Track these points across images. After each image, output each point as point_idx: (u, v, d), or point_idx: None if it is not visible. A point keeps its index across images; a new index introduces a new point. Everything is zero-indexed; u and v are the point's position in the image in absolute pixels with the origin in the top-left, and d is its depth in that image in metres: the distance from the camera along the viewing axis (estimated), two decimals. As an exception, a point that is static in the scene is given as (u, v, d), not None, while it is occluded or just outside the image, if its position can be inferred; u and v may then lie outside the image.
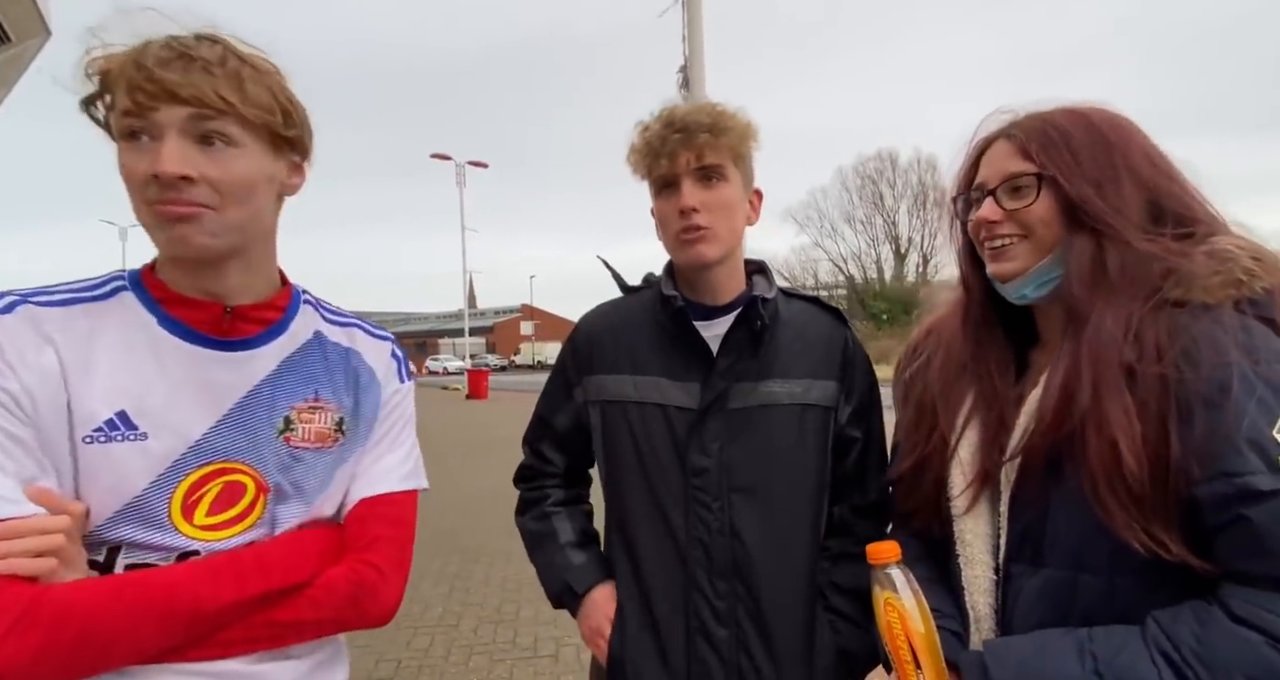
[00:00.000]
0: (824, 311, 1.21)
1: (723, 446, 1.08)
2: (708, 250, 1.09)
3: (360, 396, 0.89)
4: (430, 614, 3.77)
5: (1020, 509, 0.84)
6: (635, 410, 1.13)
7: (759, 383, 1.10)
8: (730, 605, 1.07)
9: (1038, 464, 0.81)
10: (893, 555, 0.84)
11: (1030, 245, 0.86)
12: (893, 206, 44.47)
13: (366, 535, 0.86)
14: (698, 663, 1.07)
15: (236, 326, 0.81)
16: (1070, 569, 0.79)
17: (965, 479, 0.90)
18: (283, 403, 0.83)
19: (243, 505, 0.79)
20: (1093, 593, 0.78)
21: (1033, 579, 0.82)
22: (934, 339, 1.02)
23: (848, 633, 1.11)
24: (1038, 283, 0.87)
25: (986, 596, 0.86)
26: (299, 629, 0.79)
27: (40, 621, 0.65)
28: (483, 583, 4.27)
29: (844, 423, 1.14)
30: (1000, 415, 0.89)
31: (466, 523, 5.75)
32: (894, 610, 0.81)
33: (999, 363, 0.93)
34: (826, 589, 1.13)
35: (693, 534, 1.08)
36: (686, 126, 1.05)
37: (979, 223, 0.89)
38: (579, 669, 3.09)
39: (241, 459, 0.79)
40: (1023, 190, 0.85)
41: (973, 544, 0.88)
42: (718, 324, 1.13)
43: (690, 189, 1.07)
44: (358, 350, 0.92)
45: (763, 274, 1.20)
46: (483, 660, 3.20)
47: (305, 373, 0.85)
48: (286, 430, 0.82)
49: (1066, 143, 0.84)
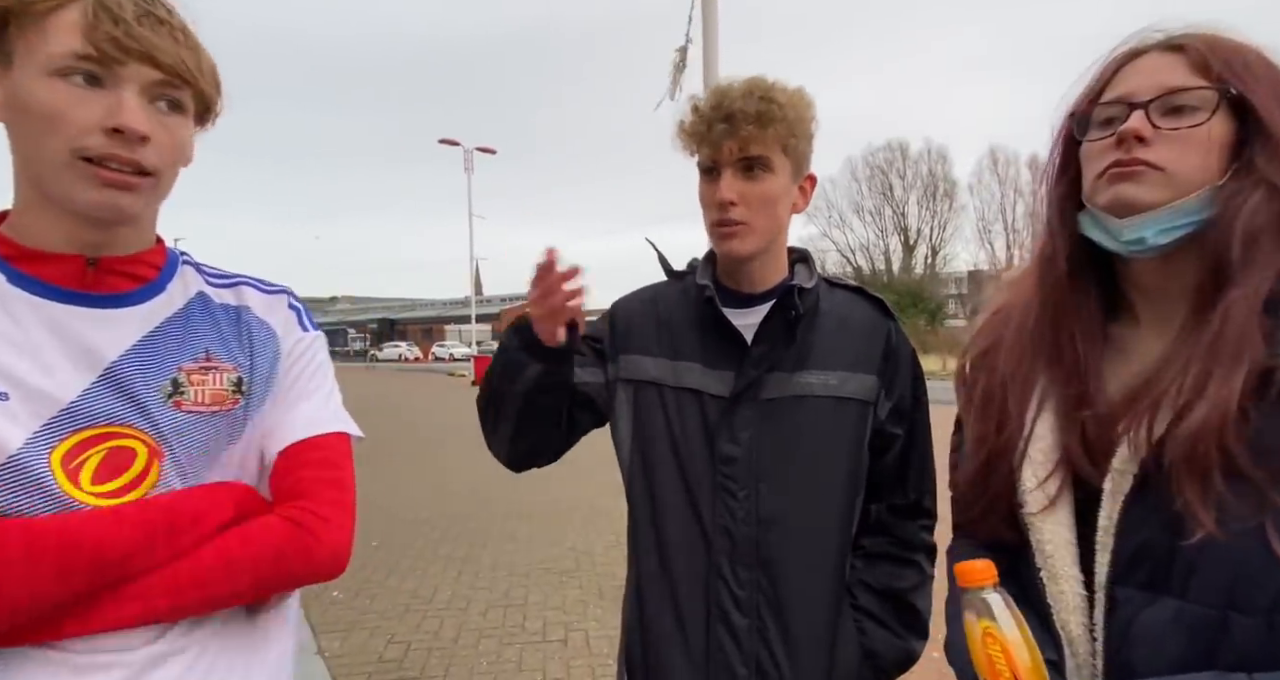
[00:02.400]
0: (868, 302, 1.17)
1: (753, 435, 1.07)
2: (741, 246, 1.07)
3: (256, 353, 0.83)
4: (439, 597, 3.79)
5: (1135, 523, 0.69)
6: (671, 395, 1.11)
7: (794, 373, 1.08)
8: (751, 595, 1.06)
9: (1161, 472, 0.66)
10: (989, 577, 0.70)
11: (1174, 173, 0.68)
12: (902, 197, 44.19)
13: (295, 483, 0.79)
14: (717, 650, 1.06)
15: (103, 280, 0.75)
16: (1218, 606, 0.64)
17: (1040, 474, 0.76)
18: (169, 364, 0.77)
19: (135, 471, 0.73)
20: (1248, 632, 0.63)
21: (1153, 608, 0.68)
22: (1002, 317, 0.87)
23: (874, 634, 1.09)
24: (1169, 225, 0.68)
25: (1078, 615, 0.73)
26: (232, 574, 0.72)
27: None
28: (491, 567, 4.29)
29: (883, 418, 1.11)
30: (1083, 395, 0.75)
31: (474, 507, 5.78)
32: (995, 642, 0.69)
33: (1084, 333, 0.77)
34: (856, 587, 1.11)
35: (718, 522, 1.07)
36: (732, 115, 1.01)
37: (1120, 138, 0.69)
38: (588, 654, 3.11)
39: (127, 423, 0.73)
40: (1188, 110, 0.68)
41: (1055, 555, 0.74)
42: (754, 312, 1.11)
43: (730, 180, 1.04)
44: (248, 306, 0.86)
45: (805, 263, 1.17)
46: (492, 644, 3.22)
47: (191, 333, 0.80)
48: (176, 393, 0.77)
49: (1247, 64, 0.68)
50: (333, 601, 3.73)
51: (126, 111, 0.68)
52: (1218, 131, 0.67)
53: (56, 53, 0.66)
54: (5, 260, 0.72)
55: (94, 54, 0.67)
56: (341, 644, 3.23)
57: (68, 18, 0.67)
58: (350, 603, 3.72)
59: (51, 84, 0.67)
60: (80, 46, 0.67)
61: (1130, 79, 0.72)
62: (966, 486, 0.86)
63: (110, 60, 0.68)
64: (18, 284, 0.71)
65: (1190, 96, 0.68)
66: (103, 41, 0.67)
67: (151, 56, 0.69)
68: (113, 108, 0.68)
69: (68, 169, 0.68)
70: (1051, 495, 0.75)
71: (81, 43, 0.67)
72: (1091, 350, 0.77)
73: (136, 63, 0.69)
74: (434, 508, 5.80)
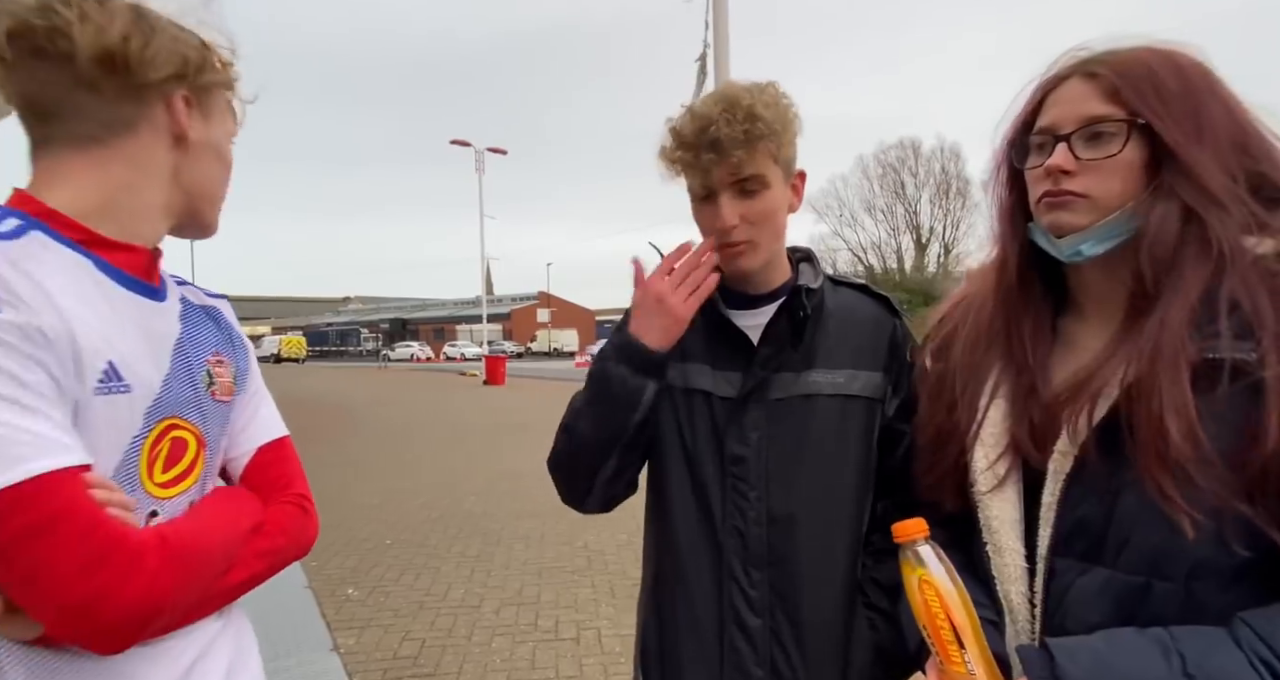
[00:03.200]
0: (873, 300, 1.17)
1: (762, 436, 1.07)
2: (750, 263, 1.07)
3: (237, 352, 0.90)
4: (453, 595, 3.82)
5: (1075, 500, 0.77)
6: (680, 396, 1.12)
7: (802, 373, 1.08)
8: (764, 595, 1.06)
9: (1099, 451, 0.74)
10: (919, 531, 0.79)
11: (1098, 199, 0.77)
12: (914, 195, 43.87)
13: (285, 474, 0.91)
14: (731, 651, 1.06)
15: (155, 274, 0.80)
16: (1143, 574, 0.73)
17: (990, 456, 0.84)
18: (200, 357, 0.82)
19: (186, 461, 0.78)
20: (1167, 596, 0.72)
21: (1085, 577, 0.76)
22: (962, 308, 0.96)
23: (887, 631, 1.09)
24: (1101, 239, 0.78)
25: (1019, 585, 0.81)
26: (273, 558, 0.83)
27: (179, 554, 0.68)
28: (504, 566, 4.31)
29: (891, 416, 1.10)
30: (1031, 386, 0.83)
31: (486, 506, 5.80)
32: (930, 588, 0.76)
33: (1034, 329, 0.86)
34: (867, 585, 1.11)
35: (730, 522, 1.07)
36: (718, 142, 0.99)
37: (1048, 171, 0.79)
38: (600, 652, 3.12)
39: (185, 414, 0.78)
40: (1105, 138, 0.76)
41: (1000, 530, 0.82)
42: (760, 313, 1.11)
43: (729, 204, 1.02)
44: (217, 308, 0.92)
45: (809, 261, 1.17)
46: (505, 642, 3.24)
47: (201, 328, 0.85)
48: (212, 384, 0.82)
49: (1156, 88, 0.74)
50: (347, 599, 3.77)
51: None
52: (1132, 156, 0.76)
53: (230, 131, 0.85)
54: (83, 246, 0.72)
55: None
56: (357, 641, 3.26)
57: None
58: (365, 600, 3.75)
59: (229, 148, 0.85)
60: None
61: (1054, 108, 0.81)
62: (918, 462, 0.95)
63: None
64: (104, 271, 0.73)
65: (1106, 126, 0.76)
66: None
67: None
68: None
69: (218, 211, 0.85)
70: (1000, 476, 0.83)
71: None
72: (1040, 346, 0.85)
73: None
74: (447, 506, 5.83)
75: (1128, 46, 0.79)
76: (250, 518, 0.82)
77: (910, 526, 0.80)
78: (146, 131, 0.75)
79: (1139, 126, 0.74)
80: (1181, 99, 0.74)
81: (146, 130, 0.75)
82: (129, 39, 0.70)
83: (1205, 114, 0.74)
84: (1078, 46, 0.82)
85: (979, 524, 0.84)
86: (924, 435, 0.93)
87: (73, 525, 0.61)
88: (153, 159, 0.76)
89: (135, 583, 0.63)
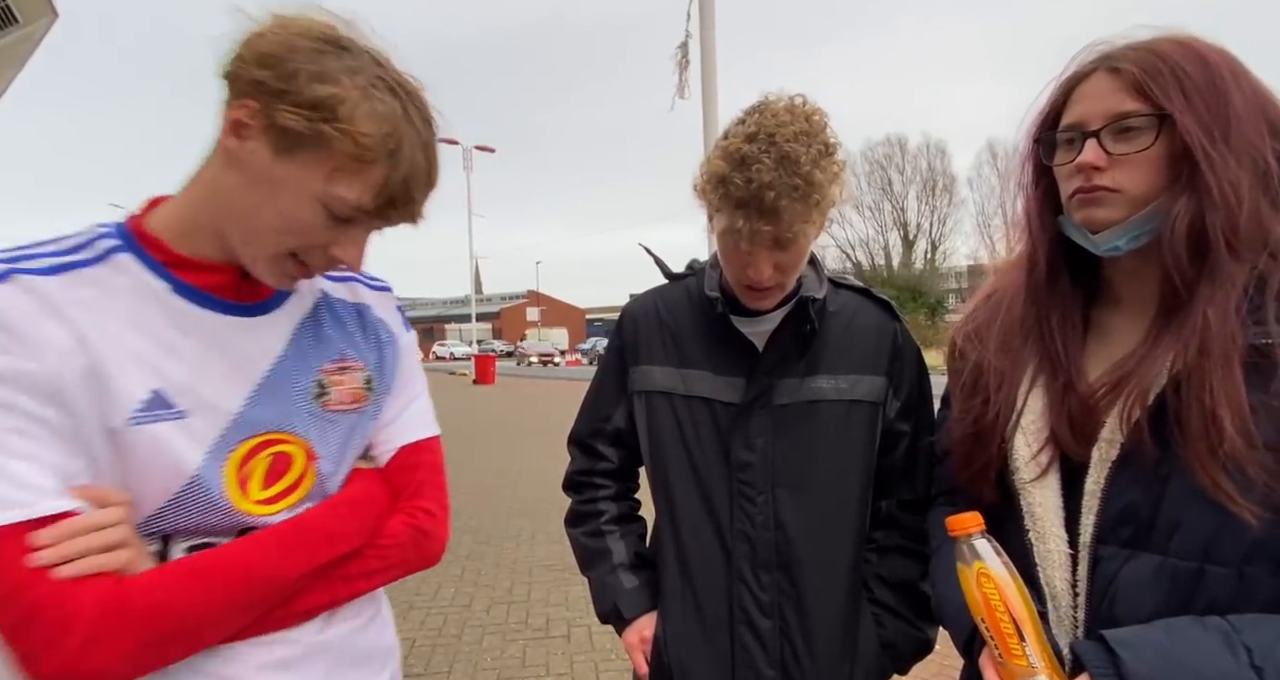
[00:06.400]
0: (874, 304, 1.17)
1: (768, 441, 1.08)
2: (771, 303, 1.08)
3: (383, 352, 0.88)
4: (443, 594, 3.81)
5: (1120, 487, 0.76)
6: (683, 403, 1.12)
7: (805, 379, 1.09)
8: (773, 597, 1.07)
9: (1147, 439, 0.73)
10: (976, 524, 0.78)
11: (1130, 193, 0.77)
12: (901, 192, 44.06)
13: (413, 482, 0.88)
14: (742, 652, 1.08)
15: (252, 290, 0.77)
16: (1196, 560, 0.72)
17: (1033, 445, 0.84)
18: (313, 366, 0.80)
19: (294, 475, 0.77)
20: (1220, 581, 0.71)
21: (1133, 563, 0.75)
22: (994, 302, 0.95)
23: (891, 626, 1.11)
24: (1134, 234, 0.78)
25: (1062, 572, 0.80)
26: (369, 579, 0.81)
27: (132, 618, 0.62)
28: (494, 565, 4.30)
29: (892, 417, 1.12)
30: (1067, 382, 0.82)
31: (476, 505, 5.79)
32: (989, 581, 0.75)
33: (1065, 322, 0.86)
34: (871, 581, 1.13)
35: (737, 528, 1.08)
36: (775, 214, 0.92)
37: (1079, 167, 0.78)
38: (590, 650, 3.12)
39: (285, 428, 0.77)
40: (1134, 132, 0.76)
41: (1044, 518, 0.81)
42: (765, 320, 1.10)
43: (766, 258, 0.98)
44: (367, 304, 0.89)
45: (812, 265, 1.15)
46: (495, 640, 3.24)
47: (325, 333, 0.83)
48: (323, 395, 0.80)
49: (1179, 81, 0.74)
50: (336, 600, 3.74)
51: (351, 253, 0.75)
52: (1162, 150, 0.76)
53: (344, 197, 0.70)
54: (164, 267, 0.72)
55: (370, 209, 0.71)
56: (346, 642, 3.24)
57: (374, 176, 0.70)
58: (354, 601, 3.74)
59: (314, 206, 0.70)
60: (367, 202, 0.71)
61: (1080, 104, 0.80)
62: (956, 454, 0.93)
63: (373, 216, 0.73)
64: (181, 293, 0.72)
65: (1135, 120, 0.76)
66: (384, 205, 0.72)
67: (412, 218, 0.76)
68: (345, 245, 0.74)
69: (275, 255, 0.73)
70: (1044, 465, 0.83)
71: (371, 200, 0.71)
72: (1072, 341, 0.85)
73: (392, 222, 0.75)
74: (436, 506, 5.81)
75: (1148, 38, 0.79)
76: (338, 546, 0.77)
77: (966, 520, 0.78)
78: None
79: (1167, 120, 0.74)
80: (1206, 90, 0.74)
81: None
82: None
83: (1231, 102, 0.74)
84: (1097, 41, 0.81)
85: (1021, 512, 0.84)
86: (962, 428, 0.92)
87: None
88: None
89: (59, 652, 0.60)
